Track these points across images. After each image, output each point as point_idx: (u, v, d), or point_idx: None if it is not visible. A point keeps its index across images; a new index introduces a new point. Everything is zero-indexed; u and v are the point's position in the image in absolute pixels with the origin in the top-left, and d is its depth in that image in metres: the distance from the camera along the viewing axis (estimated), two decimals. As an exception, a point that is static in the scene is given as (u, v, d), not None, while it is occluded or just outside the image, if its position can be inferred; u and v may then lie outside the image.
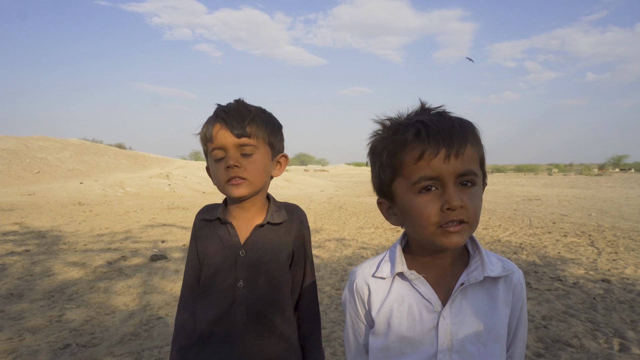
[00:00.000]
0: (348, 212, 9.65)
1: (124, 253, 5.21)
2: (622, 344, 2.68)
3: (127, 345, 2.68)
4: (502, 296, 0.80)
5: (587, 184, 22.41)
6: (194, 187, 16.62)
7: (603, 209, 10.07)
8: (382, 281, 0.83)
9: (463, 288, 0.78)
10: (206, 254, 1.10)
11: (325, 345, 2.67)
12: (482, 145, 0.78)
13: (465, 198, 0.73)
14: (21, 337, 2.77)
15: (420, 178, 0.73)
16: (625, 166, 50.89)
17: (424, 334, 0.78)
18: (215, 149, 1.05)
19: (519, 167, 57.84)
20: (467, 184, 0.74)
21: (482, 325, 0.78)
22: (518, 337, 0.84)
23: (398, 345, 0.80)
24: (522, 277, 0.84)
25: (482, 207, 0.81)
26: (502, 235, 6.57)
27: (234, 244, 1.08)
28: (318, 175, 38.03)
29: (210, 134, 1.06)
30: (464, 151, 0.72)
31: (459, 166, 0.72)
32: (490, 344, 0.77)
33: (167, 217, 8.45)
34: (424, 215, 0.74)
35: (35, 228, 6.93)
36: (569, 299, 3.55)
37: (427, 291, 0.79)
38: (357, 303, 0.86)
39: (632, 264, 4.70)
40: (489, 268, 0.78)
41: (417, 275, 0.80)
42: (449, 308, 0.78)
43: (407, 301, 0.80)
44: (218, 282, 1.08)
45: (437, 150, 0.72)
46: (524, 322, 0.85)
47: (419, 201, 0.75)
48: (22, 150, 18.77)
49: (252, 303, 1.07)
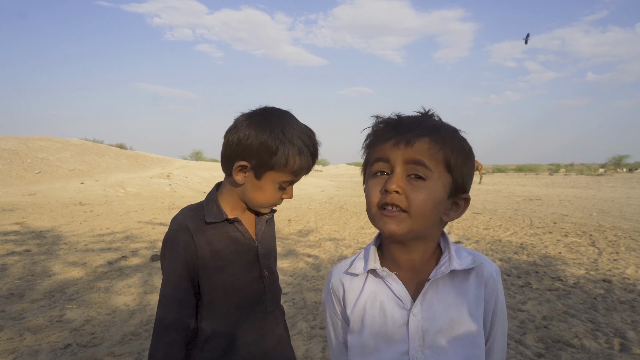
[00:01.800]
0: (349, 212, 9.65)
1: (124, 253, 5.22)
2: (622, 344, 2.67)
3: (128, 345, 2.69)
4: (473, 290, 0.81)
5: (588, 183, 22.37)
6: (195, 187, 16.63)
7: (604, 209, 10.05)
8: (356, 279, 0.86)
9: (433, 284, 0.80)
10: (219, 257, 1.07)
11: (324, 344, 2.67)
12: (454, 151, 0.78)
13: (408, 188, 0.75)
14: (22, 337, 2.78)
15: (373, 160, 0.79)
16: (630, 166, 50.47)
17: (395, 331, 0.79)
18: (289, 182, 1.11)
19: (520, 167, 57.67)
20: (417, 177, 0.76)
21: (454, 319, 0.79)
22: (495, 330, 0.84)
23: (373, 342, 0.81)
24: (496, 270, 0.84)
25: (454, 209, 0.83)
26: (503, 235, 6.57)
27: (248, 239, 1.12)
28: (313, 175, 37.99)
29: (296, 166, 1.07)
30: (415, 141, 0.75)
31: (408, 153, 0.75)
32: (463, 338, 0.78)
33: (167, 217, 8.45)
34: (369, 195, 0.79)
35: (36, 228, 6.93)
36: (569, 299, 3.55)
37: (398, 288, 0.81)
38: (334, 301, 0.89)
39: (633, 264, 4.69)
40: (456, 262, 0.80)
41: (388, 272, 0.82)
42: (419, 304, 0.79)
43: (379, 298, 0.82)
44: (243, 280, 1.10)
45: (389, 136, 0.77)
46: (501, 316, 0.84)
47: (370, 183, 0.80)
48: (23, 150, 18.80)
49: (275, 290, 1.17)
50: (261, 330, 1.13)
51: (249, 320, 1.12)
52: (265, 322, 1.14)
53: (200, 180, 18.13)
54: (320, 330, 2.88)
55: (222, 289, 1.08)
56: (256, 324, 1.13)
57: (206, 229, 1.07)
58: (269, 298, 1.14)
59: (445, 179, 0.78)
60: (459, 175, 0.79)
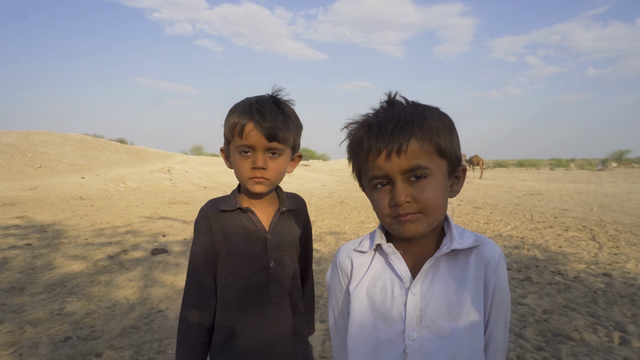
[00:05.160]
0: (349, 206, 9.64)
1: (124, 247, 5.22)
2: (622, 338, 2.67)
3: (128, 338, 2.69)
4: (472, 270, 0.80)
5: (588, 178, 22.33)
6: (195, 182, 16.63)
7: (605, 204, 10.04)
8: (364, 256, 0.87)
9: (435, 264, 0.81)
10: (229, 244, 1.13)
11: (325, 338, 2.67)
12: (440, 133, 0.78)
13: (414, 192, 0.76)
14: (22, 330, 2.78)
15: (371, 177, 0.80)
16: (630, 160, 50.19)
17: (394, 310, 0.80)
18: (244, 146, 1.08)
19: (520, 161, 57.62)
20: (418, 177, 0.76)
21: (452, 300, 0.78)
22: (495, 316, 0.81)
23: (372, 321, 0.82)
24: (499, 254, 0.82)
25: (458, 197, 0.81)
26: (504, 230, 6.56)
27: (260, 229, 1.14)
28: (310, 169, 37.93)
29: (242, 130, 1.06)
30: (406, 148, 0.75)
31: (404, 163, 0.75)
32: (462, 319, 0.78)
33: (168, 212, 8.46)
34: (379, 208, 0.80)
35: (37, 222, 6.94)
36: (570, 292, 3.55)
37: (400, 267, 0.82)
38: (340, 277, 0.90)
39: (634, 258, 4.68)
40: (456, 241, 0.80)
41: (394, 249, 0.83)
42: (419, 284, 0.80)
43: (382, 277, 0.84)
44: (248, 268, 1.13)
45: (378, 150, 0.76)
46: (503, 302, 0.82)
47: (375, 196, 0.81)
48: (24, 145, 18.79)
49: (283, 281, 1.16)
50: (264, 320, 1.13)
51: (251, 310, 1.13)
52: (269, 313, 1.14)
53: (200, 175, 18.12)
54: (321, 324, 2.88)
55: (231, 276, 1.13)
56: (259, 314, 1.13)
57: (221, 217, 1.14)
58: (275, 289, 1.14)
59: (442, 165, 0.79)
60: (451, 153, 0.80)
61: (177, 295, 3.51)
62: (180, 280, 3.90)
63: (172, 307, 3.23)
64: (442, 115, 0.81)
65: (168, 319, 3.00)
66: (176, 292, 3.57)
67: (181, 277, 3.97)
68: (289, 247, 1.18)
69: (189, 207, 9.26)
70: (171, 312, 3.12)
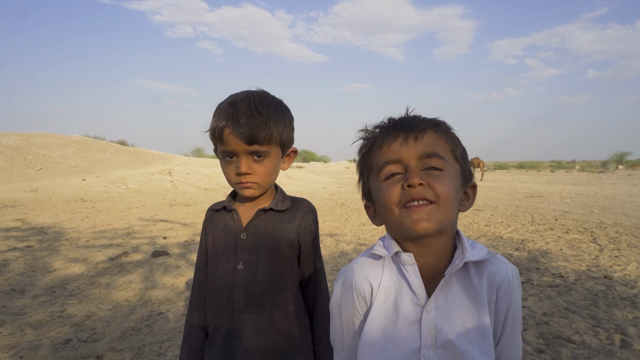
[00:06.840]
0: (350, 208, 9.64)
1: (125, 249, 5.22)
2: (623, 340, 2.67)
3: (128, 340, 2.69)
4: (485, 290, 0.76)
5: (589, 180, 22.31)
6: (196, 184, 16.64)
7: (605, 206, 10.03)
8: (377, 270, 0.81)
9: (448, 281, 0.77)
10: (213, 243, 1.13)
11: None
12: (455, 140, 0.79)
13: (430, 179, 0.73)
14: (23, 332, 2.78)
15: (384, 163, 0.76)
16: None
17: (407, 328, 0.76)
18: (226, 151, 1.04)
19: (521, 163, 57.61)
20: (433, 169, 0.74)
21: (468, 320, 0.75)
22: (507, 333, 0.79)
23: (383, 340, 0.77)
24: (513, 272, 0.79)
25: (472, 201, 0.81)
26: (504, 232, 6.56)
27: (236, 228, 1.10)
28: (307, 171, 37.96)
29: (221, 135, 1.02)
30: (423, 135, 0.75)
31: (420, 148, 0.74)
32: (477, 341, 0.75)
33: (168, 214, 8.46)
34: (387, 196, 0.74)
35: (37, 224, 6.94)
36: (570, 295, 3.54)
37: (416, 282, 0.77)
38: (357, 301, 0.81)
39: (635, 261, 4.68)
40: (469, 253, 0.75)
41: (412, 260, 0.77)
42: (434, 301, 0.76)
43: (394, 293, 0.79)
44: (221, 268, 1.09)
45: (396, 135, 0.75)
46: (514, 325, 0.79)
47: (384, 186, 0.76)
48: (25, 146, 18.81)
49: (251, 288, 1.05)
50: (230, 327, 1.05)
51: (221, 314, 1.07)
52: (235, 320, 1.05)
53: (201, 176, 18.12)
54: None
55: (210, 276, 1.12)
56: (226, 319, 1.06)
57: (212, 217, 1.16)
58: (240, 294, 1.05)
59: (457, 168, 0.78)
60: (465, 163, 0.80)
61: (177, 297, 3.51)
62: (181, 282, 3.90)
63: (173, 309, 3.23)
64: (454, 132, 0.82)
65: (169, 321, 3.00)
66: (177, 294, 3.57)
67: (182, 280, 3.98)
68: (269, 252, 1.07)
69: (189, 209, 9.26)
70: (172, 314, 3.12)
